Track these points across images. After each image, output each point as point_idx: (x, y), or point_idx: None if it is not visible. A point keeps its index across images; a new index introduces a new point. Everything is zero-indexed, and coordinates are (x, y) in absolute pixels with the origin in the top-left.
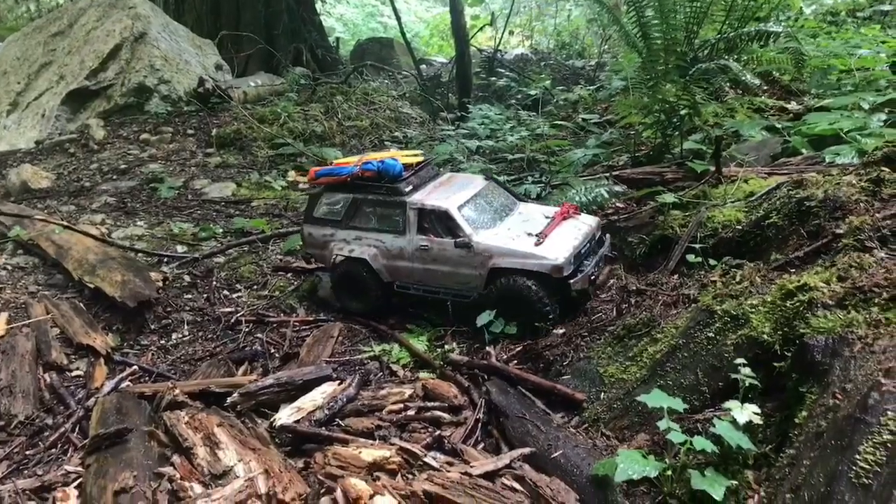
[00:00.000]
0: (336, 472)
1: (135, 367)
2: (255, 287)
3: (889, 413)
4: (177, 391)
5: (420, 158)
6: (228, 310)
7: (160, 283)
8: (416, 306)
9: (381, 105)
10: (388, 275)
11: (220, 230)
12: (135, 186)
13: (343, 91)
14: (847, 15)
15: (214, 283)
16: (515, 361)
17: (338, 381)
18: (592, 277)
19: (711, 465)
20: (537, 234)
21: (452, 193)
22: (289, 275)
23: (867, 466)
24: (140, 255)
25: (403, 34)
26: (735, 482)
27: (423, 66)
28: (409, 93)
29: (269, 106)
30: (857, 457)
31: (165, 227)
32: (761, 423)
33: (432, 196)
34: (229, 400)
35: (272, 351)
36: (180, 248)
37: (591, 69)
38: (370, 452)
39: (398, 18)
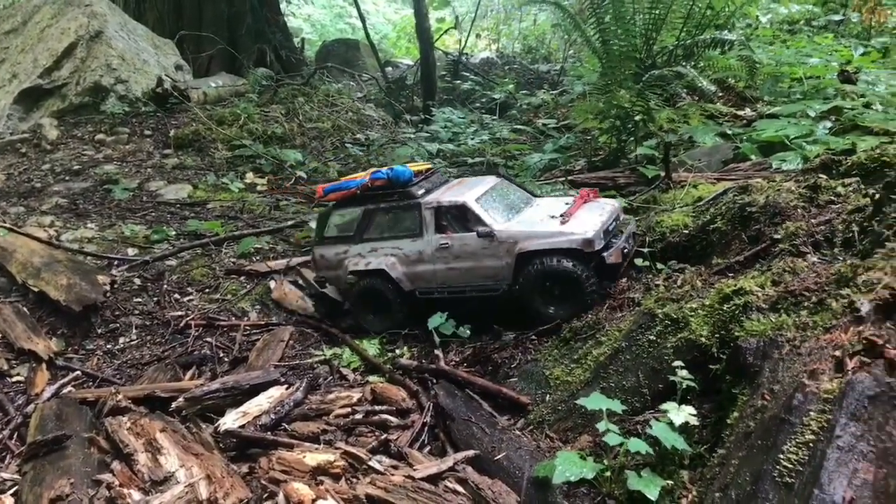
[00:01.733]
0: (280, 477)
1: (78, 372)
2: (207, 290)
3: (811, 413)
4: (119, 396)
5: (428, 166)
6: (178, 313)
7: (107, 287)
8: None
9: (343, 107)
10: (409, 282)
11: (174, 233)
12: (88, 188)
13: (305, 93)
14: (804, 24)
15: (165, 286)
16: (465, 365)
17: (286, 386)
18: (625, 251)
19: (648, 465)
20: (561, 215)
21: (467, 190)
22: (242, 278)
23: (790, 465)
24: (89, 258)
25: (368, 36)
26: (671, 482)
27: (389, 69)
28: (373, 95)
29: (230, 107)
30: (781, 456)
31: (117, 230)
32: (697, 424)
33: (447, 194)
34: (174, 405)
35: (221, 355)
36: (131, 251)
37: (555, 73)
38: (314, 457)
39: (363, 20)
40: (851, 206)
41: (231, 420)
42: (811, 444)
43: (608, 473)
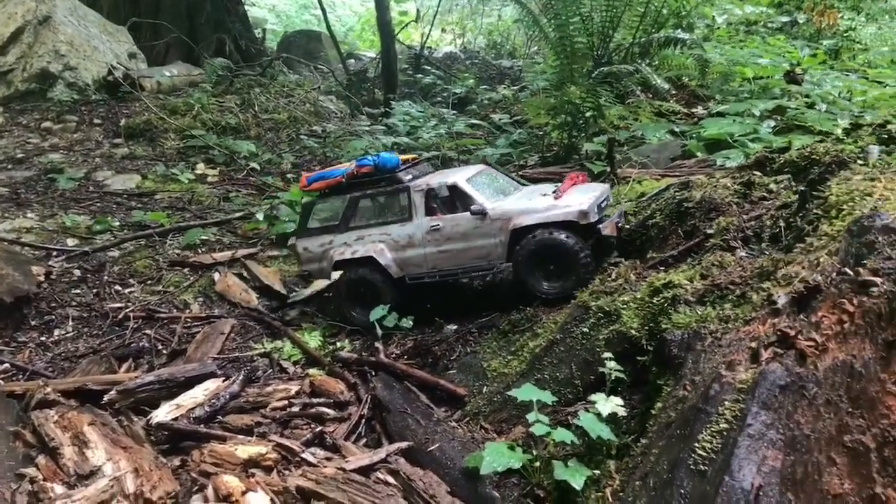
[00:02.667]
0: (210, 470)
1: (7, 364)
2: (150, 282)
3: (726, 403)
4: (48, 389)
5: (415, 156)
6: (118, 305)
7: (42, 278)
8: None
9: (300, 99)
10: (399, 268)
11: (118, 223)
12: (31, 177)
13: (262, 83)
14: (761, 26)
15: (106, 277)
16: (406, 357)
17: (223, 378)
18: (619, 225)
19: (576, 456)
20: (553, 192)
21: (457, 172)
22: (185, 270)
23: (704, 454)
24: (26, 248)
25: (329, 27)
26: (598, 472)
27: (352, 61)
28: (334, 87)
29: (184, 97)
30: (696, 444)
31: (58, 220)
32: (626, 414)
33: (436, 177)
34: (106, 398)
35: (160, 347)
36: (71, 242)
37: (518, 69)
38: (246, 449)
39: (324, 11)
40: (780, 203)
41: (164, 413)
42: (724, 433)
43: (537, 464)
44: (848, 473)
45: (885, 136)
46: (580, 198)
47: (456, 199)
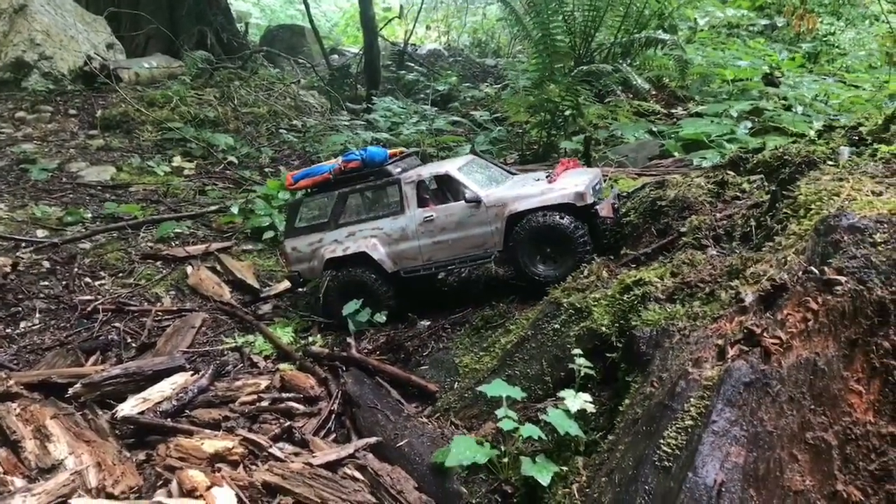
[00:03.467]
0: (176, 464)
1: None
2: (121, 275)
3: (692, 400)
4: (11, 382)
5: (402, 149)
6: (87, 298)
7: (8, 269)
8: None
9: (280, 93)
10: (392, 262)
11: (90, 215)
12: (3, 167)
13: (242, 77)
14: (743, 29)
15: (76, 269)
16: (378, 352)
17: (192, 372)
18: (615, 206)
19: (544, 452)
20: (546, 177)
21: (447, 162)
22: (158, 263)
23: (669, 450)
24: None
25: (311, 22)
26: (565, 468)
27: (335, 56)
28: (316, 82)
29: (162, 89)
30: (662, 441)
31: (29, 211)
32: (595, 411)
33: (427, 168)
34: (71, 391)
35: (129, 341)
36: (41, 233)
37: (502, 68)
38: (213, 443)
39: (307, 6)
40: (752, 202)
41: (130, 406)
42: (689, 430)
43: (505, 459)
44: (809, 470)
45: (856, 138)
46: (575, 181)
47: (448, 189)
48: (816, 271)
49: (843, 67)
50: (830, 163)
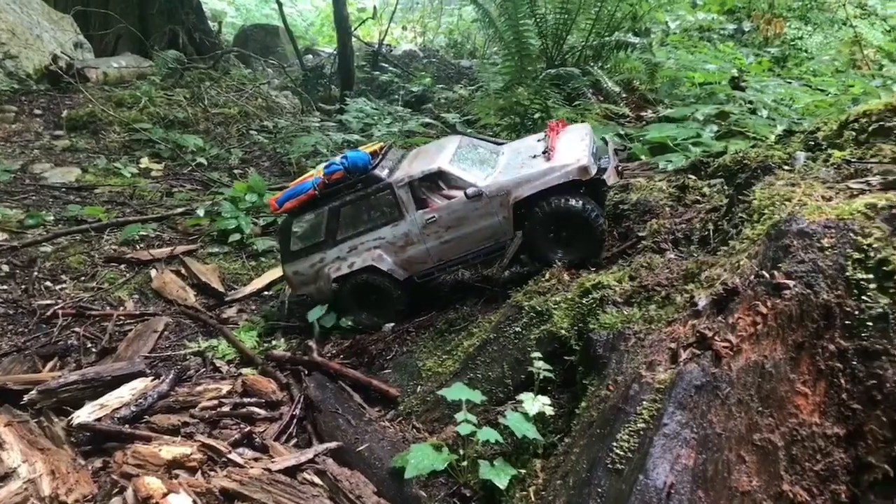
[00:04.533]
0: (132, 471)
1: None
2: (83, 278)
3: (644, 403)
4: None
5: (381, 144)
6: (47, 302)
7: None
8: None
9: (252, 93)
10: (403, 270)
11: (52, 218)
12: None
13: (213, 77)
14: (715, 32)
15: (36, 273)
16: (342, 356)
17: (152, 378)
18: (618, 168)
19: (503, 455)
20: (543, 153)
21: (436, 154)
22: (122, 266)
23: (621, 453)
24: None
25: (285, 22)
26: (524, 471)
27: (310, 56)
28: (290, 83)
29: (131, 89)
30: (615, 444)
31: None
32: (553, 413)
33: (416, 166)
34: (27, 397)
35: (89, 346)
36: (0, 236)
37: (476, 69)
38: (170, 450)
39: (280, 6)
40: (710, 206)
41: (86, 413)
42: (641, 432)
43: (465, 463)
44: (756, 471)
45: (812, 143)
46: (574, 151)
47: (443, 181)
48: (767, 276)
49: (810, 71)
50: (787, 167)
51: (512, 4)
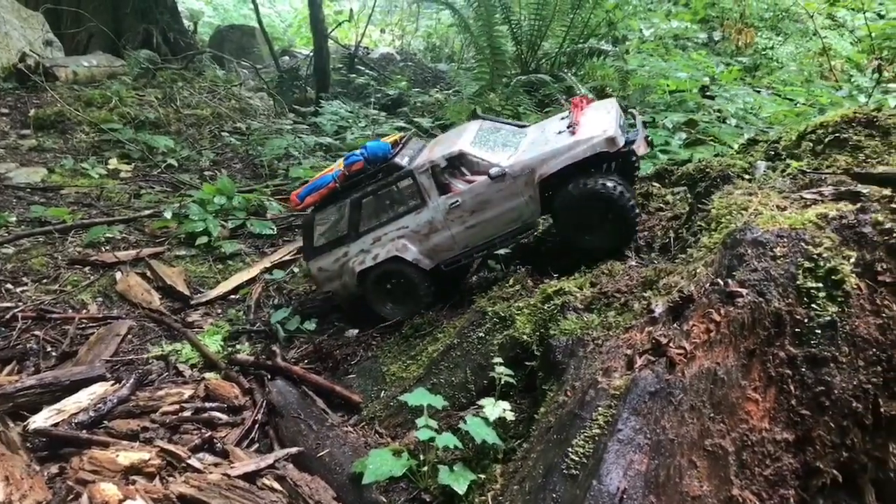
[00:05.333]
0: (88, 478)
1: None
2: (45, 281)
3: (600, 409)
4: None
5: (400, 135)
6: (6, 305)
7: None
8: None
9: (225, 94)
10: (429, 259)
11: (14, 219)
12: None
13: (186, 78)
14: (689, 40)
15: None
16: (307, 361)
17: (112, 382)
18: (648, 139)
19: (463, 460)
20: (568, 127)
21: (456, 139)
22: (86, 269)
23: (576, 458)
24: None
25: (260, 22)
26: (483, 476)
27: (286, 58)
28: (265, 84)
29: (102, 89)
30: (570, 449)
31: None
32: (514, 419)
33: (437, 151)
34: None
35: (49, 350)
36: None
37: (450, 73)
38: (128, 455)
39: (256, 6)
40: (672, 214)
41: (43, 418)
42: (596, 438)
43: (425, 468)
44: (707, 476)
45: (773, 153)
46: (600, 123)
47: (464, 165)
48: (721, 284)
49: (780, 81)
50: (748, 177)
51: (486, 10)
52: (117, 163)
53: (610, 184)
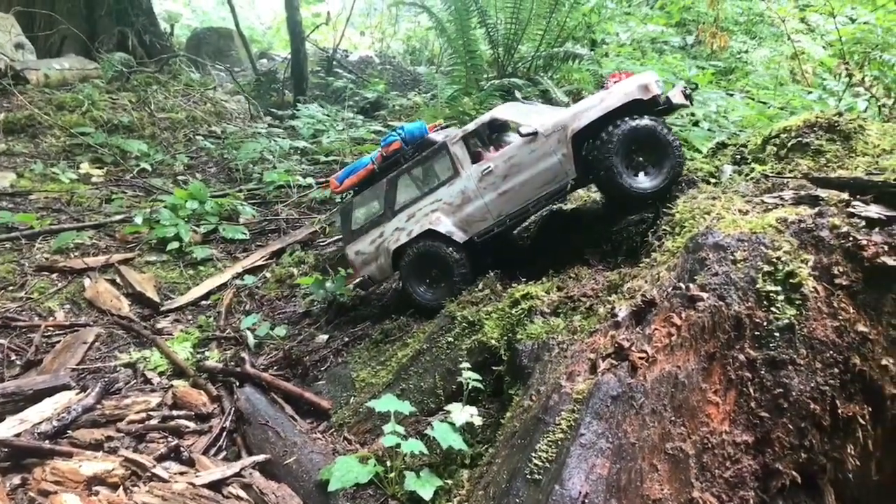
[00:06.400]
0: (51, 488)
1: None
2: (11, 288)
3: (563, 413)
4: None
5: (441, 122)
6: None
7: None
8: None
9: (201, 98)
10: (462, 231)
11: None
12: None
13: (161, 81)
14: (666, 44)
15: None
16: (276, 367)
17: (77, 391)
18: (685, 92)
19: (430, 466)
20: (601, 88)
21: (486, 113)
22: (54, 275)
23: (539, 463)
24: None
25: (237, 25)
26: (450, 482)
27: (264, 61)
28: (239, 87)
29: (74, 92)
30: (534, 454)
31: None
32: (482, 423)
33: (470, 124)
34: None
35: (13, 358)
36: None
37: (425, 77)
38: (92, 465)
39: (232, 8)
40: (639, 218)
41: (5, 428)
42: (560, 442)
43: (392, 474)
44: (668, 479)
45: (739, 157)
46: (633, 80)
47: (500, 138)
48: (683, 288)
49: (754, 84)
50: (714, 180)
51: (463, 13)
52: (89, 167)
53: (650, 120)
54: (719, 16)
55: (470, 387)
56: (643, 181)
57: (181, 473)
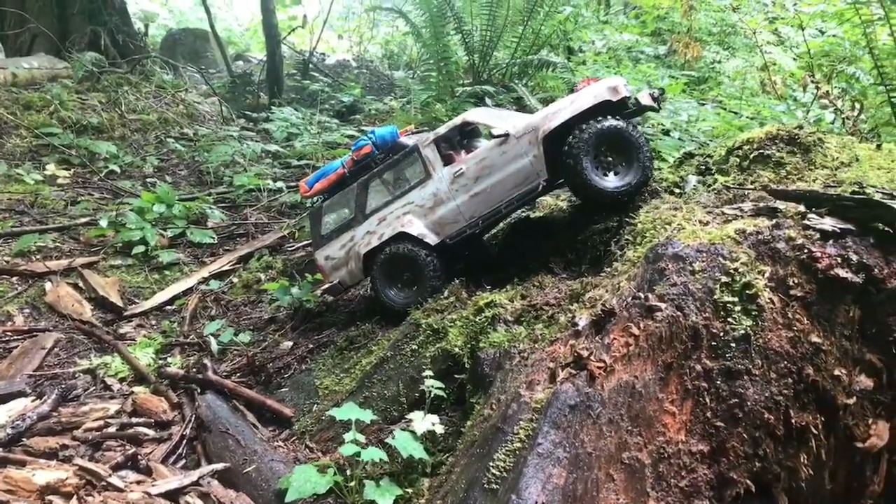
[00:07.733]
0: (3, 497)
1: None
2: None
3: (521, 422)
4: None
5: (412, 127)
6: None
7: None
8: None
9: (173, 99)
10: (434, 233)
11: None
12: None
13: (132, 82)
14: (641, 53)
15: None
16: (239, 374)
17: (33, 398)
18: (653, 95)
19: (391, 475)
20: (570, 91)
21: (459, 116)
22: (14, 279)
23: (497, 472)
24: None
25: (212, 26)
26: (411, 490)
27: (240, 63)
28: (217, 89)
29: (42, 91)
30: (492, 464)
31: None
32: (444, 432)
33: (441, 127)
34: None
35: None
36: None
37: (411, 80)
38: (45, 474)
39: (207, 10)
40: (603, 227)
41: None
42: (517, 452)
43: (353, 483)
44: (624, 489)
45: (704, 168)
46: (604, 82)
47: (471, 141)
48: (642, 297)
49: (726, 94)
50: (678, 190)
51: (438, 19)
52: (55, 168)
53: (615, 121)
54: (693, 26)
55: (432, 395)
56: (613, 181)
57: (138, 482)
